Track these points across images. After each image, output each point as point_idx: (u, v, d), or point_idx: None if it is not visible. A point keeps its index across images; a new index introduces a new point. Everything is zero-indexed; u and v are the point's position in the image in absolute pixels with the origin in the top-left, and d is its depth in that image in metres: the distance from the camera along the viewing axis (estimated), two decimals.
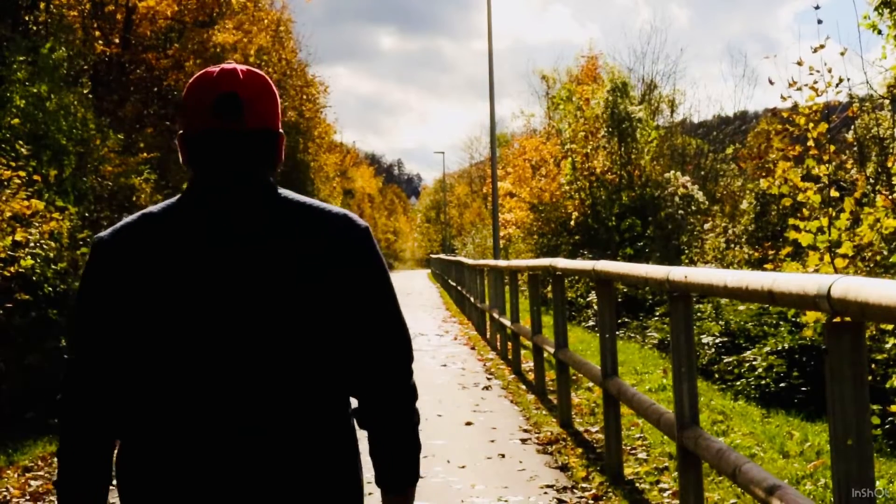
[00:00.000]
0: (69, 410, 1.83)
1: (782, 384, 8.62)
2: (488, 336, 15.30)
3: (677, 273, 4.32)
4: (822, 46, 7.64)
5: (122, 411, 1.83)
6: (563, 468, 6.42)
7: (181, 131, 1.89)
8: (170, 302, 1.79)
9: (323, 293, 1.82)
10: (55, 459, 7.08)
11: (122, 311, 1.81)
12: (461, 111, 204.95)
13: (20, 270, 8.14)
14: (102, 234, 1.88)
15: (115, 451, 1.88)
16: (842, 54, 7.99)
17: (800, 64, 7.54)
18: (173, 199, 1.91)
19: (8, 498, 6.04)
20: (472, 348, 14.61)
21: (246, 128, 1.84)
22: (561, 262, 8.12)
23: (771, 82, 8.18)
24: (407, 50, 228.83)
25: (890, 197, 7.01)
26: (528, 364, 11.42)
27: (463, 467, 6.48)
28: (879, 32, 8.26)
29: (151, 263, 1.81)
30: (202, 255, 1.81)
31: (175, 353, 1.79)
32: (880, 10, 8.08)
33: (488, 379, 10.98)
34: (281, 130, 1.93)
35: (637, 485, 5.86)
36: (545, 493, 5.77)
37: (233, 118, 1.83)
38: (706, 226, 19.83)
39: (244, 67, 1.88)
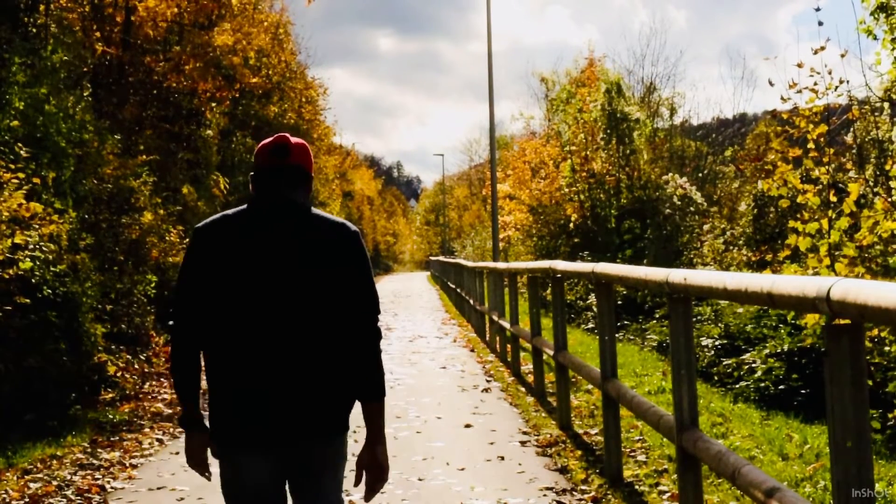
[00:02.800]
0: (178, 332, 3.03)
1: (782, 386, 8.62)
2: (488, 338, 15.30)
3: (677, 275, 4.32)
4: (822, 48, 7.64)
5: (207, 329, 2.99)
6: (563, 470, 6.42)
7: (252, 173, 3.08)
8: (236, 265, 2.96)
9: (327, 265, 2.98)
10: (54, 462, 7.10)
11: (208, 270, 2.98)
12: (459, 113, 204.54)
13: (19, 273, 8.13)
14: (200, 224, 3.07)
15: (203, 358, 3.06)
16: (842, 56, 7.99)
17: (800, 66, 7.54)
18: (243, 206, 3.08)
19: (7, 500, 6.03)
20: (472, 350, 14.61)
21: (290, 162, 3.05)
22: (560, 265, 8.12)
23: (771, 84, 8.18)
24: (404, 52, 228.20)
25: (889, 200, 7.01)
26: (527, 366, 11.42)
27: (462, 469, 6.48)
28: (875, 38, 8.26)
29: (227, 241, 2.99)
30: (257, 237, 2.98)
31: (238, 296, 2.95)
32: (876, 15, 8.07)
33: (488, 381, 10.98)
34: (311, 174, 3.14)
35: (636, 487, 5.86)
36: (544, 495, 5.77)
37: (283, 157, 3.05)
38: (704, 227, 19.83)
39: (295, 138, 3.11)
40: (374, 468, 3.01)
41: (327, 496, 3.05)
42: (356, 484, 3.08)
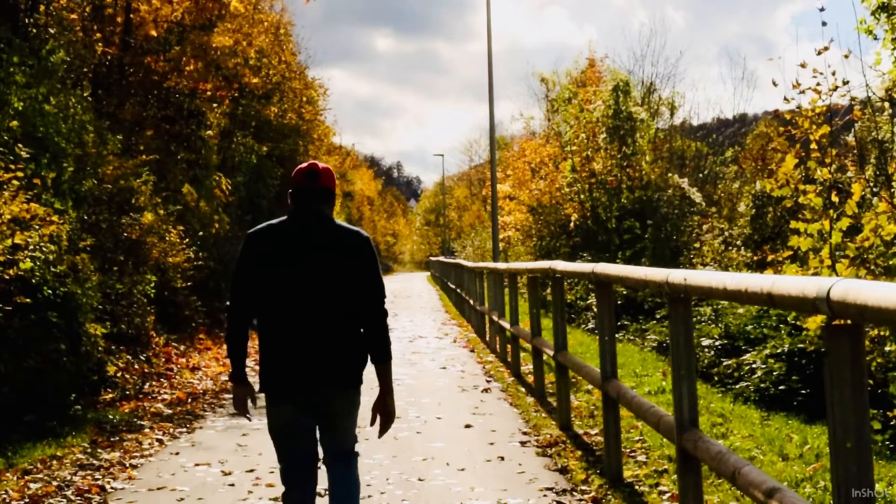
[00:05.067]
0: (232, 311, 4.01)
1: (782, 387, 8.62)
2: (488, 339, 15.30)
3: (677, 275, 4.32)
4: (825, 49, 7.62)
5: (256, 313, 3.99)
6: (563, 471, 6.41)
7: (290, 190, 4.04)
8: (279, 261, 3.94)
9: (347, 264, 3.96)
10: (54, 462, 7.10)
11: (256, 266, 3.96)
12: (458, 113, 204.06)
13: (20, 273, 8.13)
14: (251, 230, 4.04)
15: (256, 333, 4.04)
16: (846, 56, 7.97)
17: (803, 66, 7.52)
18: (284, 217, 4.03)
19: (7, 501, 6.03)
20: (472, 351, 14.60)
21: (318, 185, 4.03)
22: (560, 265, 8.12)
23: (775, 84, 8.16)
24: (403, 52, 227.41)
25: (891, 202, 6.99)
26: (527, 367, 11.42)
27: (462, 470, 6.47)
28: (875, 37, 8.25)
29: (271, 243, 3.97)
30: (295, 240, 3.96)
31: (280, 286, 3.93)
32: (877, 15, 8.06)
33: (488, 381, 10.98)
34: (335, 191, 4.11)
35: (636, 487, 5.86)
36: (544, 495, 5.76)
37: (314, 181, 4.03)
38: (703, 227, 19.82)
39: (322, 164, 4.09)
40: (385, 413, 4.09)
41: (346, 431, 4.10)
42: (371, 424, 4.12)
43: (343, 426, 4.08)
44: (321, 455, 4.16)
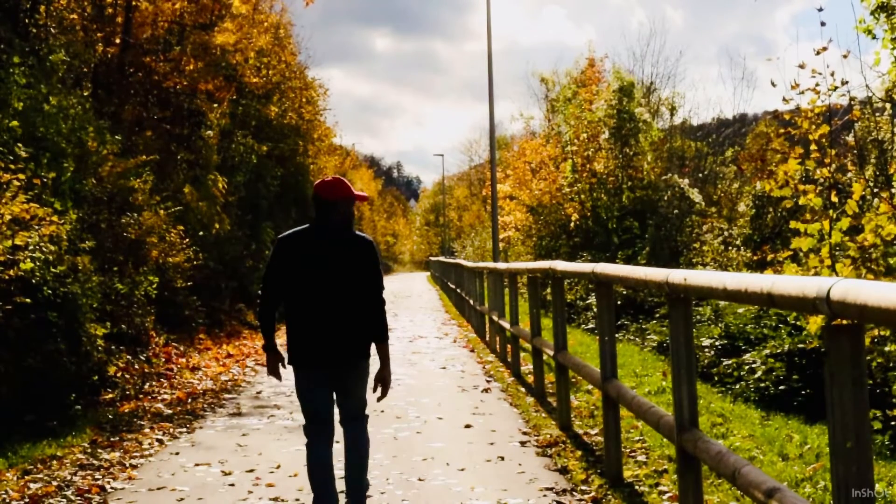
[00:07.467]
0: (263, 298, 5.03)
1: (782, 387, 8.62)
2: (488, 339, 15.30)
3: (677, 276, 4.32)
4: (824, 49, 7.62)
5: (284, 300, 5.00)
6: (563, 471, 6.41)
7: (314, 204, 5.01)
8: (304, 261, 4.95)
9: (356, 264, 4.99)
10: (54, 462, 7.10)
11: (285, 266, 4.96)
12: (457, 113, 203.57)
13: (20, 273, 8.13)
14: (281, 235, 5.04)
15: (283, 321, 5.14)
16: (844, 57, 7.97)
17: (802, 67, 7.52)
18: (307, 225, 5.08)
19: (7, 500, 6.03)
20: (472, 351, 14.60)
21: (329, 197, 4.97)
22: (560, 265, 8.12)
23: (773, 84, 8.15)
24: (401, 52, 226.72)
25: (891, 202, 6.99)
26: (527, 367, 11.41)
27: (462, 470, 6.47)
28: (874, 37, 8.25)
29: (297, 247, 4.98)
30: (317, 245, 4.98)
31: (303, 281, 4.94)
32: (876, 15, 8.07)
33: (488, 381, 10.97)
34: (351, 197, 5.03)
35: (636, 487, 5.86)
36: (544, 495, 5.76)
37: (324, 194, 4.97)
38: (703, 227, 19.82)
39: (337, 177, 5.09)
40: (384, 382, 5.15)
41: (357, 395, 5.10)
42: (374, 391, 5.17)
43: (356, 392, 5.08)
44: (337, 416, 5.12)
